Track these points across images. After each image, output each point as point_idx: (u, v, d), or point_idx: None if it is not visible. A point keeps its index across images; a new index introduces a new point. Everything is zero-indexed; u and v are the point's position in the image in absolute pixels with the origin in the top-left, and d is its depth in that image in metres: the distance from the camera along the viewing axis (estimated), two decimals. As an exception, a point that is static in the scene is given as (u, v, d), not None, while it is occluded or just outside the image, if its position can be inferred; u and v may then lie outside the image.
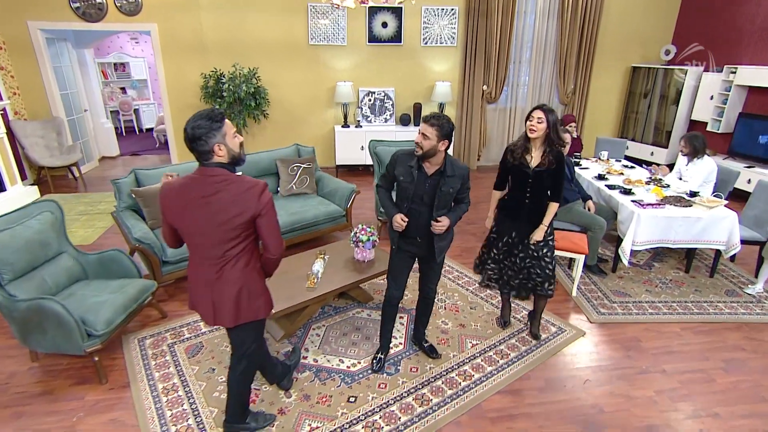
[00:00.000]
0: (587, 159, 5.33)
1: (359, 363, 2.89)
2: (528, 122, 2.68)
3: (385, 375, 2.79)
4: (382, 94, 6.88)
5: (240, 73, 6.11)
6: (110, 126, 7.76)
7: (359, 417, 2.47)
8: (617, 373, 2.86)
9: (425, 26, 6.67)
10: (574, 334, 3.22)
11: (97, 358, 2.64)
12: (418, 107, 6.84)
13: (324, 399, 2.59)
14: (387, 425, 2.42)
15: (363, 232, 3.39)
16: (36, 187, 5.76)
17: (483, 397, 2.63)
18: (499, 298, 3.48)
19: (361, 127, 6.78)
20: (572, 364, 2.93)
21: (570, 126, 5.17)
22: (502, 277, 3.06)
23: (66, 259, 3.01)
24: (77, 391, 2.61)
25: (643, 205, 3.72)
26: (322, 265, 3.31)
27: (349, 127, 6.76)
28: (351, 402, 2.58)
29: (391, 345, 2.99)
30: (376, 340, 3.03)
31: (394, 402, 2.58)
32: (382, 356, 2.87)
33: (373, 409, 2.53)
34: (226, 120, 1.83)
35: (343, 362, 2.89)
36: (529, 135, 2.68)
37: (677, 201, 3.78)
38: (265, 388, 2.67)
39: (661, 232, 3.69)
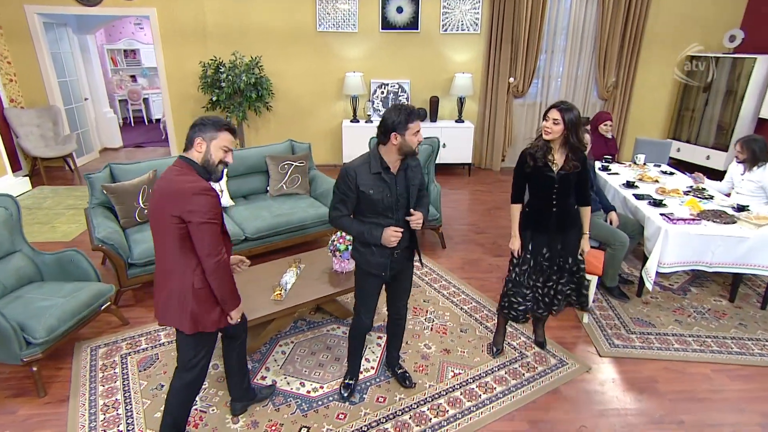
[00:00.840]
0: (620, 163, 4.99)
1: (322, 388, 2.76)
2: (543, 122, 2.55)
3: (347, 404, 2.65)
4: (396, 86, 6.73)
5: (241, 62, 6.12)
6: (113, 116, 7.99)
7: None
8: (622, 421, 2.59)
9: (445, 11, 6.47)
10: (577, 368, 2.97)
11: (35, 369, 2.63)
12: (435, 101, 6.65)
13: (273, 427, 2.48)
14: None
15: (341, 241, 3.25)
16: (27, 178, 5.97)
17: (454, 438, 2.45)
18: (495, 320, 3.28)
19: (371, 122, 6.66)
20: (569, 406, 2.69)
21: (605, 125, 4.87)
22: (537, 308, 2.85)
23: (18, 259, 3.04)
24: (11, 404, 2.60)
25: (672, 220, 3.41)
26: (293, 276, 3.20)
27: (358, 121, 6.65)
28: (303, 434, 2.45)
29: (361, 369, 2.85)
30: (346, 361, 2.89)
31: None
32: (352, 382, 2.73)
33: (327, 444, 2.40)
34: (229, 134, 1.97)
35: (304, 386, 2.77)
36: (544, 137, 2.53)
37: (717, 216, 3.44)
38: (213, 410, 2.58)
39: (694, 253, 3.37)
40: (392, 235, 2.21)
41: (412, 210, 2.33)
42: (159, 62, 6.44)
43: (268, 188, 4.66)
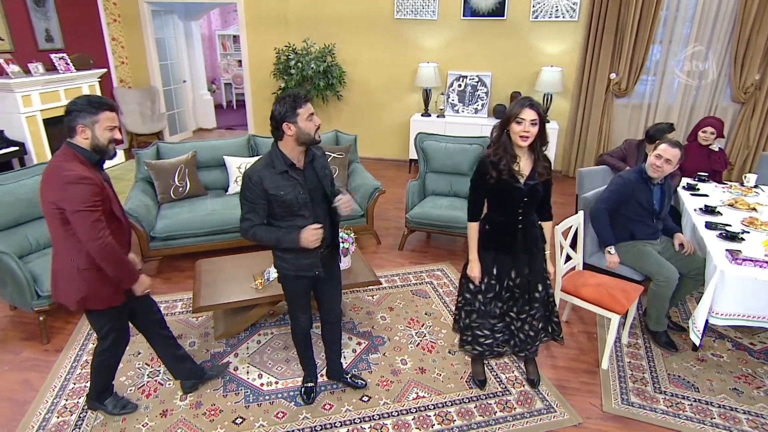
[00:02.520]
0: (721, 183, 4.27)
1: (276, 383, 2.88)
2: (518, 126, 2.28)
3: (291, 403, 2.73)
4: (476, 79, 6.53)
5: (312, 50, 6.47)
6: (209, 98, 8.99)
7: (232, 443, 2.48)
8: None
9: (537, -5, 6.10)
10: (564, 419, 2.67)
11: (42, 318, 3.16)
12: (516, 97, 6.31)
13: (213, 412, 2.67)
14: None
15: (333, 237, 3.32)
16: (123, 151, 7.03)
17: (381, 463, 2.39)
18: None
19: (443, 117, 6.56)
20: (533, 459, 2.44)
21: (704, 131, 4.27)
22: (513, 345, 2.66)
23: (55, 220, 3.64)
24: (20, 345, 3.17)
25: (736, 259, 2.85)
26: (284, 267, 3.35)
27: (429, 116, 6.61)
28: (236, 423, 2.60)
29: (322, 373, 2.91)
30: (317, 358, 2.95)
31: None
32: (311, 384, 2.81)
33: (253, 438, 2.51)
34: (109, 112, 2.08)
35: (261, 377, 2.92)
36: (521, 143, 2.31)
37: (803, 262, 2.80)
38: (169, 384, 2.86)
39: (762, 306, 2.79)
40: (312, 235, 2.21)
41: (338, 197, 2.33)
42: (243, 48, 7.10)
43: (305, 178, 4.89)
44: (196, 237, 4.06)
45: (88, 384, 2.65)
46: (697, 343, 2.92)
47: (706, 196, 3.96)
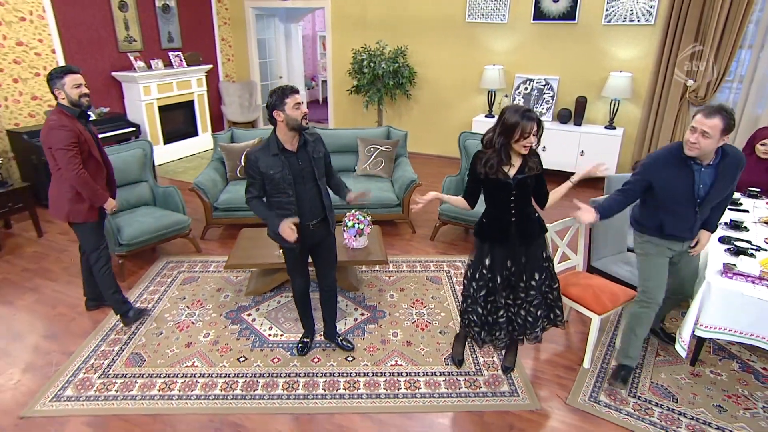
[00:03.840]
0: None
1: (281, 336, 3.37)
2: (523, 139, 2.36)
3: (288, 353, 3.19)
4: (543, 82, 6.51)
5: (383, 51, 6.89)
6: (304, 93, 9.81)
7: (241, 371, 3.01)
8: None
9: (611, -1, 5.93)
10: (524, 404, 2.81)
11: (121, 261, 3.97)
12: (582, 102, 6.20)
13: (225, 350, 3.22)
14: (239, 390, 2.88)
15: (350, 218, 3.73)
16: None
17: (337, 411, 2.75)
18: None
19: (507, 118, 6.62)
20: None
21: (763, 144, 4.00)
22: (513, 330, 2.79)
23: (142, 187, 4.48)
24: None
25: (728, 273, 2.75)
26: (308, 241, 3.84)
27: (493, 116, 6.71)
28: (239, 361, 3.12)
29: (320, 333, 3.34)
30: (319, 326, 3.38)
31: (269, 375, 2.99)
32: (307, 340, 3.25)
33: (248, 373, 3.01)
34: (72, 74, 2.87)
35: (271, 330, 3.43)
36: (523, 152, 2.45)
37: (803, 283, 2.63)
38: (199, 324, 3.46)
39: (750, 323, 2.68)
40: (288, 230, 2.60)
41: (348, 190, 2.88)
42: (328, 48, 7.75)
43: (356, 167, 5.34)
44: (249, 211, 4.69)
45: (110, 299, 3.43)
46: (683, 354, 2.86)
47: (746, 211, 3.72)
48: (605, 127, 6.16)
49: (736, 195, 3.94)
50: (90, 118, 3.17)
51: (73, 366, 3.07)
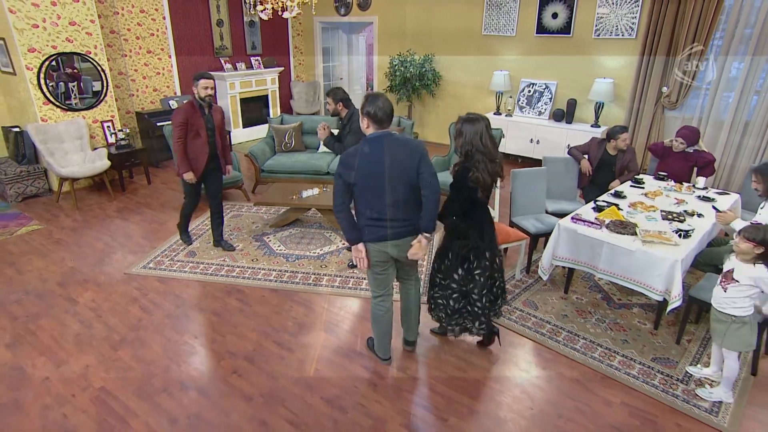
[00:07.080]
0: (678, 183, 4.68)
1: (284, 250, 4.82)
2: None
3: (284, 260, 4.63)
4: (543, 86, 7.40)
5: (411, 58, 8.16)
6: (360, 92, 11.31)
7: (251, 266, 4.50)
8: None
9: (600, 16, 6.70)
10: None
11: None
12: (572, 103, 7.03)
13: (245, 253, 4.74)
14: (247, 275, 4.36)
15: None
16: (288, 124, 9.75)
17: (303, 291, 4.13)
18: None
19: (511, 116, 7.61)
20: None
21: (676, 140, 4.77)
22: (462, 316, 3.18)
23: (214, 152, 6.17)
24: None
25: (573, 218, 3.75)
26: (316, 191, 5.25)
27: (500, 114, 7.71)
28: (252, 260, 4.62)
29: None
30: (313, 246, 4.79)
31: (268, 270, 4.45)
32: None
33: (255, 267, 4.49)
34: (204, 80, 4.18)
35: (278, 247, 4.89)
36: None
37: (620, 226, 3.56)
38: (239, 245, 5.02)
39: (585, 255, 3.66)
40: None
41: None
42: (374, 57, 9.13)
43: (371, 148, 6.68)
44: (287, 173, 6.22)
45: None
46: (545, 279, 3.89)
47: (642, 188, 4.54)
48: (591, 126, 6.94)
49: (642, 176, 4.76)
50: (211, 109, 4.18)
51: (155, 252, 4.76)
